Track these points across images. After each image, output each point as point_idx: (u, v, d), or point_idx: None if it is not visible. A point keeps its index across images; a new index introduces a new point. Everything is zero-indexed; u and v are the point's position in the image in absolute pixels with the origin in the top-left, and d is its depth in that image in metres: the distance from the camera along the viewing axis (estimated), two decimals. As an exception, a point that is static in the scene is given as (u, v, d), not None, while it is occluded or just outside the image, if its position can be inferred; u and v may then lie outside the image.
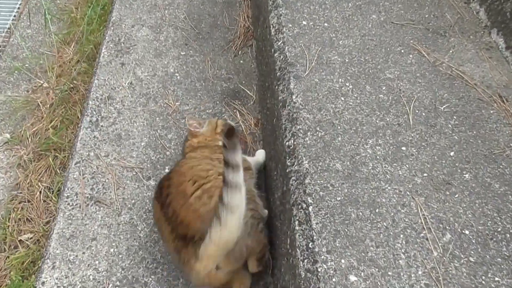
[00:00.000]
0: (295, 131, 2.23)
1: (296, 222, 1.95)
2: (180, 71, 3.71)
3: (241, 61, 3.88)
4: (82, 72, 4.06)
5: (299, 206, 1.99)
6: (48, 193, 3.21)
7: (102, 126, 3.29)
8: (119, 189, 2.94)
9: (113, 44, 3.85)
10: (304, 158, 2.12)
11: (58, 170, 3.36)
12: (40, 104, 3.89)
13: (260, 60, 3.55)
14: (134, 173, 3.04)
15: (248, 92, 3.62)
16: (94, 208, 2.86)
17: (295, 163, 2.12)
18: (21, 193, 3.30)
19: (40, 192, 3.27)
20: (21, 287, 2.71)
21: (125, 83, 3.57)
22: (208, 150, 2.72)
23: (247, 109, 3.51)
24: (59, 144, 3.45)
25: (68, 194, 2.92)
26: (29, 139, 3.63)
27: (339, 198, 1.99)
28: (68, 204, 2.87)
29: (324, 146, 2.18)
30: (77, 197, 2.91)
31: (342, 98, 2.39)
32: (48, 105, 3.90)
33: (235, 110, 3.49)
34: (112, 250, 2.69)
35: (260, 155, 2.96)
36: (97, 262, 2.64)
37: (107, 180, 2.99)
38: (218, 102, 3.53)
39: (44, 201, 3.22)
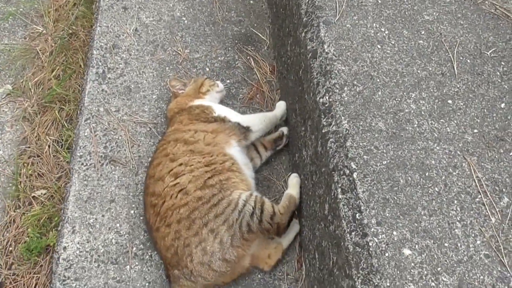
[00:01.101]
0: (329, 86, 1.95)
1: (339, 190, 1.72)
2: (187, 15, 3.34)
3: (251, 2, 3.50)
4: (81, 17, 3.66)
5: (341, 172, 1.75)
6: (58, 147, 2.94)
7: (109, 78, 2.97)
8: (133, 147, 2.68)
9: (113, -14, 3.44)
10: (342, 117, 1.85)
11: (65, 123, 3.07)
12: (39, 52, 3.53)
13: (273, 4, 3.18)
14: (148, 129, 2.75)
15: (261, 36, 3.28)
16: (110, 167, 2.61)
17: (333, 123, 1.86)
18: (29, 147, 3.03)
19: (49, 146, 3.00)
20: (40, 243, 2.53)
21: (129, 30, 3.21)
22: (187, 118, 2.49)
23: (261, 55, 3.18)
24: (64, 95, 3.14)
25: (81, 154, 2.65)
26: (32, 90, 3.32)
27: (385, 162, 1.74)
28: (82, 164, 2.62)
29: (363, 102, 1.90)
30: (90, 156, 2.65)
31: (379, 46, 2.09)
32: (48, 53, 3.54)
33: (248, 57, 3.16)
34: (132, 212, 2.47)
35: (279, 108, 2.67)
36: (118, 225, 2.43)
37: (120, 137, 2.72)
38: (230, 48, 3.19)
39: (54, 155, 2.96)
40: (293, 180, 2.36)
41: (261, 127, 2.52)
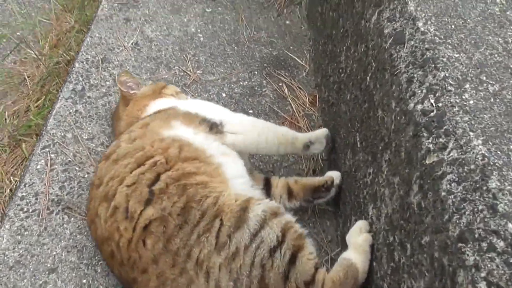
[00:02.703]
0: (436, 82, 1.03)
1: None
2: (204, 31, 2.52)
3: (287, 22, 2.67)
4: (81, 41, 2.93)
5: (483, 246, 0.78)
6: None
7: (89, 97, 2.10)
8: (103, 190, 1.76)
9: (117, -5, 2.69)
10: (471, 133, 0.89)
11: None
12: (27, 78, 2.73)
13: (316, 18, 2.35)
14: (130, 167, 1.85)
15: (299, 60, 2.41)
16: (61, 218, 1.65)
17: (450, 146, 0.91)
18: None
19: (11, 190, 2.12)
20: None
21: (128, 43, 2.39)
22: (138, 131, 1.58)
23: (298, 82, 2.30)
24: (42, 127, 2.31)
25: (24, 194, 1.73)
26: (7, 121, 2.49)
27: None
28: (21, 209, 1.69)
29: (507, 110, 0.97)
30: (37, 199, 1.72)
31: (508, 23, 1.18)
32: (37, 80, 2.76)
33: (280, 84, 2.28)
34: (81, 291, 1.50)
35: (313, 133, 1.73)
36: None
37: (86, 176, 1.80)
38: (256, 72, 2.33)
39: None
40: (360, 238, 1.31)
41: (250, 136, 1.60)
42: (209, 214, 1.25)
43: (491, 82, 1.02)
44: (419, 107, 1.02)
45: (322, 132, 1.71)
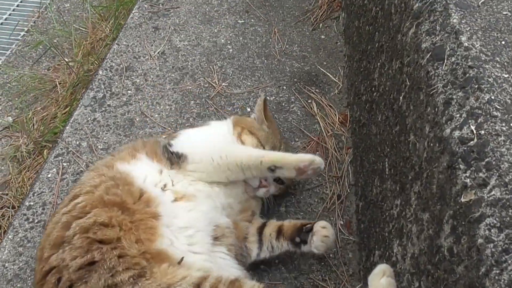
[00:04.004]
0: (478, 106, 0.88)
1: None
2: (234, 43, 2.43)
3: (322, 36, 2.54)
4: (112, 49, 2.90)
5: None
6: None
7: (108, 105, 2.04)
8: (113, 204, 1.68)
9: (148, 4, 2.65)
10: None
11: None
12: (58, 85, 2.73)
13: (353, 32, 2.21)
14: (142, 180, 1.76)
15: (332, 77, 2.28)
16: (66, 231, 1.61)
17: (492, 182, 0.76)
18: (7, 194, 2.13)
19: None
20: None
21: (154, 52, 2.33)
22: None
23: (329, 99, 2.17)
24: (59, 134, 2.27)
25: (32, 203, 1.67)
26: (34, 126, 2.47)
27: None
28: (27, 219, 1.62)
29: None
30: (44, 209, 1.66)
31: None
32: (68, 87, 2.75)
33: (310, 100, 2.14)
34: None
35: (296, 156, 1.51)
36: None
37: (97, 187, 1.74)
38: (285, 87, 2.21)
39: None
40: (382, 281, 1.11)
41: (212, 168, 1.44)
42: None
43: (546, 108, 0.86)
44: (457, 133, 0.87)
45: (297, 159, 1.46)
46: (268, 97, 2.13)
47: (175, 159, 1.43)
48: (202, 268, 1.16)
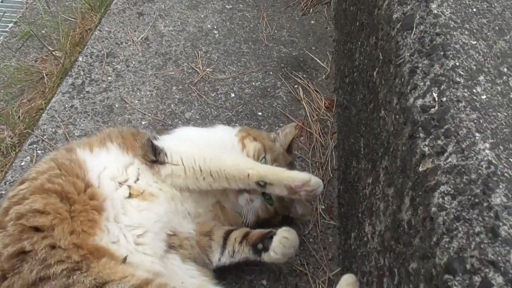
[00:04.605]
0: (441, 73, 0.85)
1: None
2: (221, 28, 2.41)
3: (312, 22, 2.52)
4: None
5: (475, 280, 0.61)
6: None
7: (87, 92, 2.03)
8: (86, 190, 1.66)
9: (133, -10, 2.63)
10: (477, 134, 0.72)
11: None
12: (45, 76, 2.73)
13: (341, 16, 2.18)
14: (118, 167, 1.75)
15: (320, 62, 2.25)
16: (37, 218, 1.59)
17: (449, 150, 0.74)
18: None
19: None
20: None
21: (137, 38, 2.32)
22: None
23: (316, 84, 2.13)
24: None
25: (2, 192, 1.67)
26: (20, 118, 2.46)
27: None
28: (-2, 208, 1.63)
29: (529, 108, 0.78)
30: (15, 197, 1.66)
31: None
32: (55, 78, 2.74)
33: (296, 86, 2.12)
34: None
35: (292, 173, 1.33)
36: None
37: (71, 174, 1.73)
38: (271, 72, 2.18)
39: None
40: None
41: (192, 172, 1.32)
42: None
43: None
44: (419, 102, 0.85)
45: (289, 177, 1.29)
46: (253, 83, 2.11)
47: (151, 156, 1.33)
48: (150, 271, 1.11)
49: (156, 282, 1.04)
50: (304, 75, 2.16)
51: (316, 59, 2.26)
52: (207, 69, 2.16)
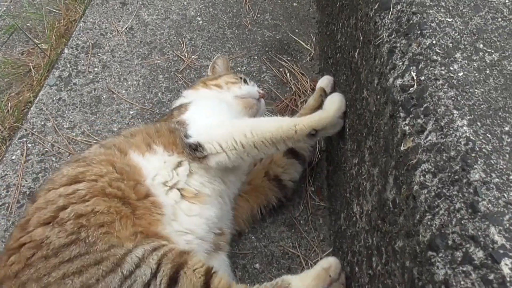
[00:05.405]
0: (419, 52, 0.85)
1: None
2: (204, 14, 2.38)
3: (295, 4, 2.49)
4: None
5: (457, 257, 0.61)
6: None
7: (74, 84, 2.00)
8: (79, 182, 1.65)
9: (115, -21, 2.58)
10: (455, 112, 0.72)
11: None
12: (32, 69, 2.68)
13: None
14: (109, 157, 1.73)
15: (303, 44, 2.23)
16: (31, 212, 1.58)
17: (429, 128, 0.73)
18: None
19: None
20: None
21: (121, 28, 2.28)
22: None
23: (300, 67, 2.12)
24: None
25: (-4, 187, 1.66)
26: (9, 112, 2.43)
27: None
28: (-9, 203, 1.61)
29: (505, 84, 0.78)
30: (8, 191, 1.63)
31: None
32: (42, 70, 2.70)
33: (281, 69, 2.11)
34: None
35: (326, 110, 1.31)
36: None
37: (62, 167, 1.72)
38: (256, 57, 2.17)
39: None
40: (314, 269, 1.16)
41: (235, 153, 1.28)
42: (92, 258, 1.04)
43: (489, 50, 0.83)
44: (399, 82, 0.84)
45: (337, 98, 1.29)
46: (238, 68, 2.09)
47: (194, 152, 1.30)
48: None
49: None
50: (288, 58, 2.15)
51: (300, 41, 2.24)
52: (193, 56, 2.14)
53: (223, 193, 1.35)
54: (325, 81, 1.57)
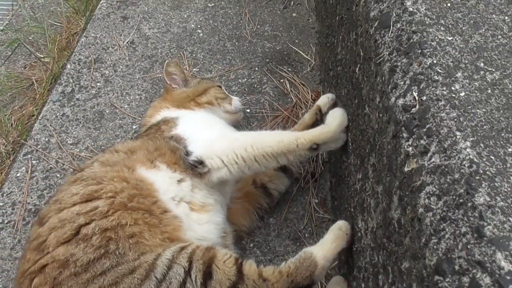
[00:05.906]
0: (420, 72, 0.84)
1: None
2: (204, 27, 2.39)
3: (294, 14, 2.49)
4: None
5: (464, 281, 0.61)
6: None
7: (77, 99, 2.01)
8: (83, 199, 1.65)
9: (116, -6, 2.59)
10: (458, 133, 0.71)
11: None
12: (35, 82, 2.69)
13: (321, 7, 2.16)
14: (113, 173, 1.73)
15: (304, 54, 2.24)
16: (37, 230, 1.58)
17: (432, 149, 0.73)
18: None
19: None
20: None
21: (123, 42, 2.29)
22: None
23: (301, 77, 2.12)
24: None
25: (0, 204, 1.66)
26: (12, 125, 2.43)
27: None
28: (-3, 220, 1.61)
29: (507, 103, 0.78)
30: (13, 209, 1.64)
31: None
32: (44, 83, 2.70)
33: (282, 80, 2.11)
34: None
35: (328, 124, 1.31)
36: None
37: (67, 183, 1.72)
38: (256, 68, 2.17)
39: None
40: (331, 234, 1.23)
41: (236, 167, 1.30)
42: (125, 268, 1.06)
43: (490, 69, 0.82)
44: (400, 101, 0.84)
45: (338, 114, 1.30)
46: (239, 80, 2.09)
47: (195, 169, 1.32)
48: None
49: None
50: (289, 69, 2.15)
51: (300, 51, 2.24)
52: (194, 69, 2.15)
53: (222, 201, 1.42)
54: (324, 100, 1.56)
